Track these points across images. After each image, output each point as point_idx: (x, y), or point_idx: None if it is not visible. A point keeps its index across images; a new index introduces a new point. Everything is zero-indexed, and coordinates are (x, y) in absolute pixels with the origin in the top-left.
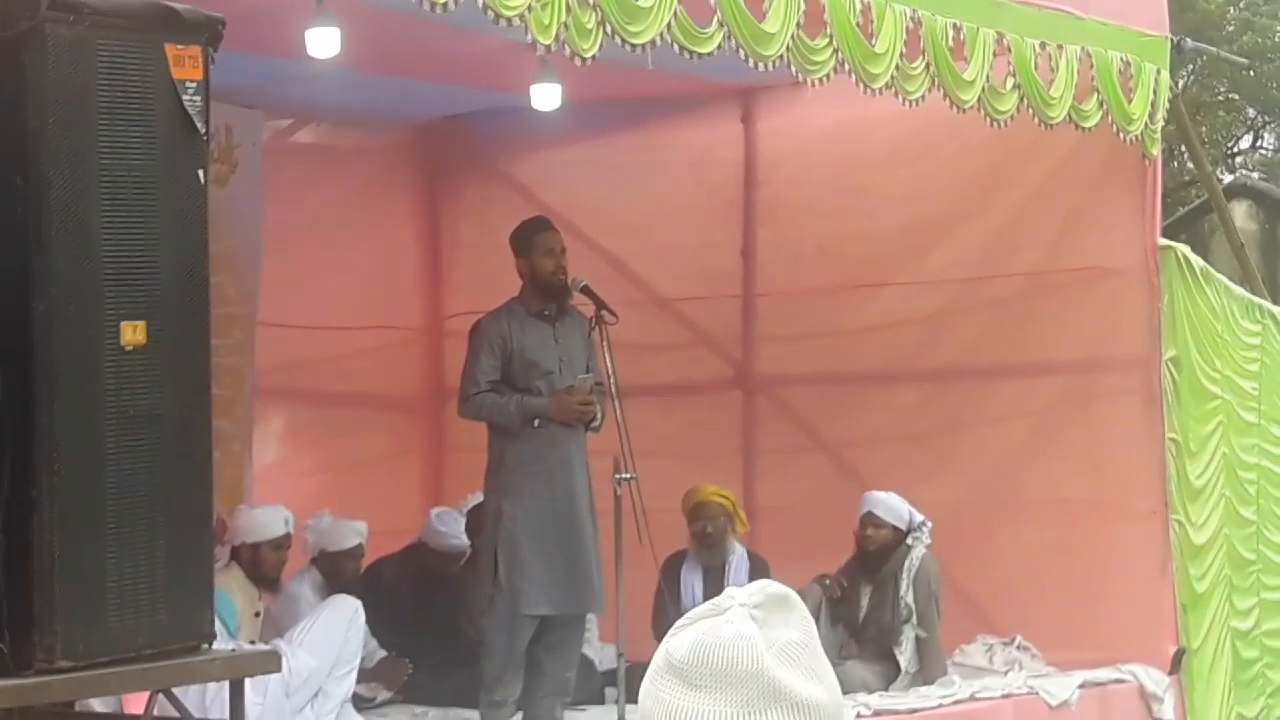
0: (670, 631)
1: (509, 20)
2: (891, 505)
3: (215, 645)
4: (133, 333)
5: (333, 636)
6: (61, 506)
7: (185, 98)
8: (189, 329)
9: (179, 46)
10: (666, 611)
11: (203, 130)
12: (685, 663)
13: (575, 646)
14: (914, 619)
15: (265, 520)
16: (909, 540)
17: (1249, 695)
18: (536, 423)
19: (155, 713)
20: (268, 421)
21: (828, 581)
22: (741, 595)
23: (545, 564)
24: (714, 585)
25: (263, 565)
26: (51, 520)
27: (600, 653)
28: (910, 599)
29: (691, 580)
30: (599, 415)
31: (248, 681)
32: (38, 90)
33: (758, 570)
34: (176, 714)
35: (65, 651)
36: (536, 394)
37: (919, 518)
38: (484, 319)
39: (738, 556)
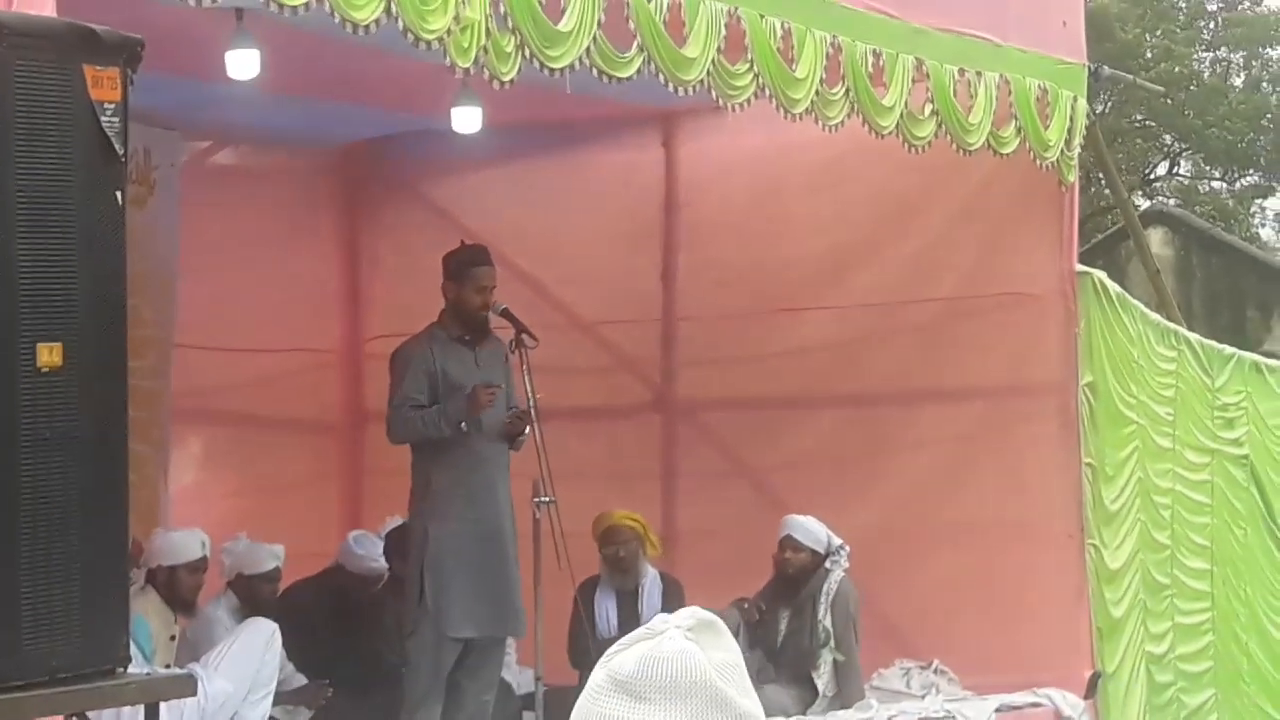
0: (605, 656)
1: (429, 43)
2: (810, 529)
3: (130, 669)
4: (49, 354)
5: (249, 660)
6: None
7: (104, 119)
8: (106, 351)
9: (98, 68)
10: (582, 636)
11: (121, 152)
12: (633, 676)
13: (495, 670)
14: (831, 643)
15: (182, 543)
16: (828, 564)
17: (1164, 719)
18: (464, 425)
19: None
20: (184, 444)
21: (746, 605)
22: (675, 619)
23: (471, 587)
24: (628, 609)
25: (179, 588)
26: None
27: (518, 676)
28: (828, 623)
29: (605, 605)
30: (525, 431)
31: (163, 707)
32: None
33: (671, 592)
34: None
35: None
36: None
37: (837, 541)
38: (407, 343)
39: (650, 579)
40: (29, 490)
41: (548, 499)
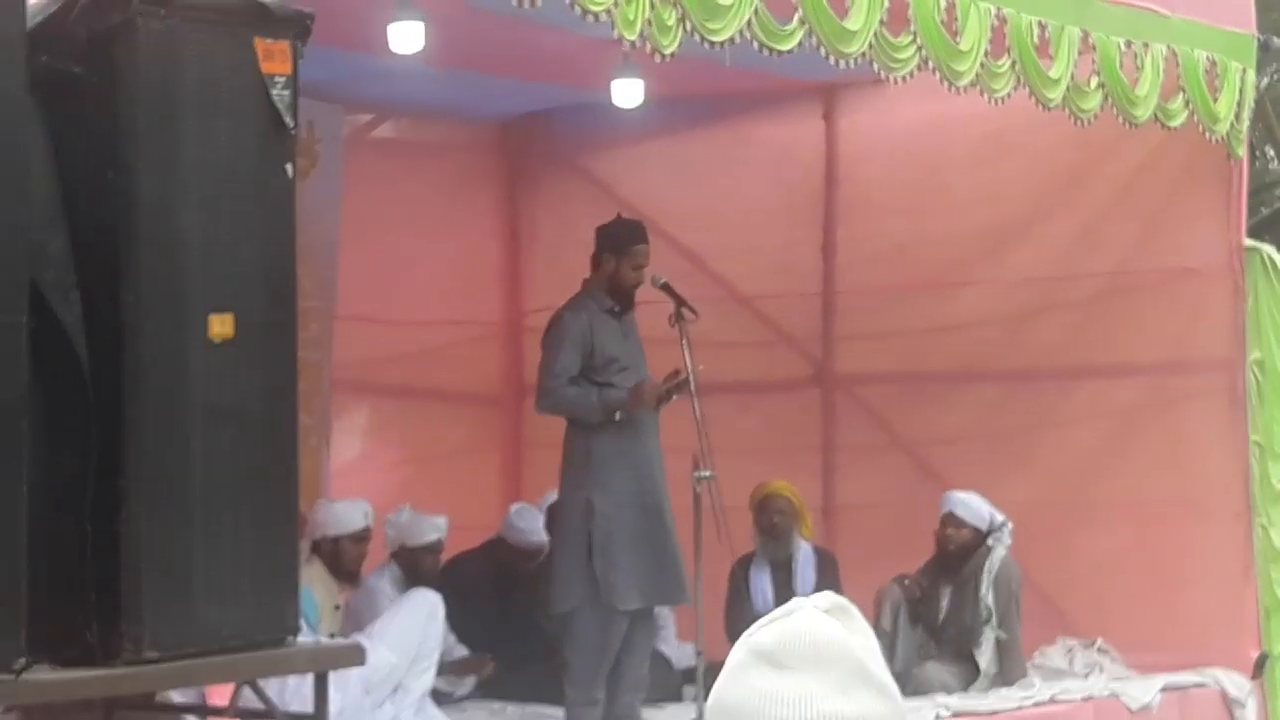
0: (744, 636)
1: (596, 16)
2: (972, 506)
3: (299, 639)
4: (221, 325)
5: (412, 631)
6: (149, 499)
7: (274, 92)
8: (276, 322)
9: (268, 41)
10: (739, 611)
11: (291, 125)
12: (775, 647)
13: (650, 643)
14: (994, 620)
15: (345, 514)
16: (989, 541)
17: None
18: (618, 415)
19: (240, 705)
20: (346, 416)
21: (907, 582)
22: (811, 601)
23: (637, 559)
24: (782, 582)
25: (343, 559)
26: (139, 512)
27: (678, 650)
28: (990, 600)
29: (760, 579)
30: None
31: (329, 677)
32: (129, 84)
33: (825, 565)
34: (261, 706)
35: (153, 643)
36: (613, 387)
37: (1000, 518)
38: (563, 313)
39: (804, 553)
40: (201, 461)
41: (707, 474)
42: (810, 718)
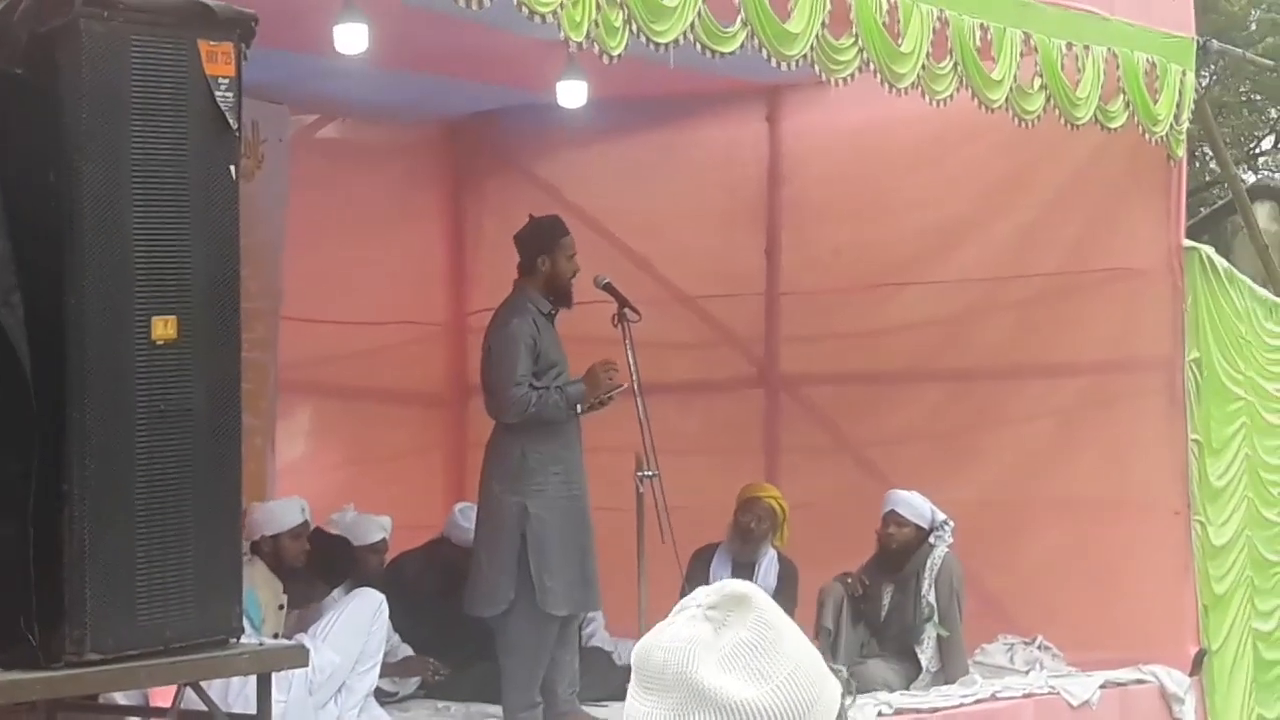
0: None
1: (543, 17)
2: (914, 504)
3: (242, 640)
4: (164, 327)
5: (357, 631)
6: (92, 501)
7: (218, 94)
8: (220, 324)
9: (212, 42)
10: None
11: (235, 126)
12: (637, 664)
13: (576, 638)
14: (936, 618)
15: (281, 511)
16: (931, 539)
17: (1270, 697)
18: (579, 409)
19: (182, 706)
20: (291, 416)
21: (849, 579)
22: (700, 596)
23: (567, 564)
24: (742, 579)
25: (284, 556)
26: (82, 514)
27: (618, 646)
28: (932, 598)
29: (720, 573)
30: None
31: (273, 677)
32: (72, 86)
33: (787, 575)
34: (204, 708)
35: (95, 645)
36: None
37: (941, 517)
38: (510, 318)
39: (769, 559)
40: (144, 462)
41: (651, 473)
42: None
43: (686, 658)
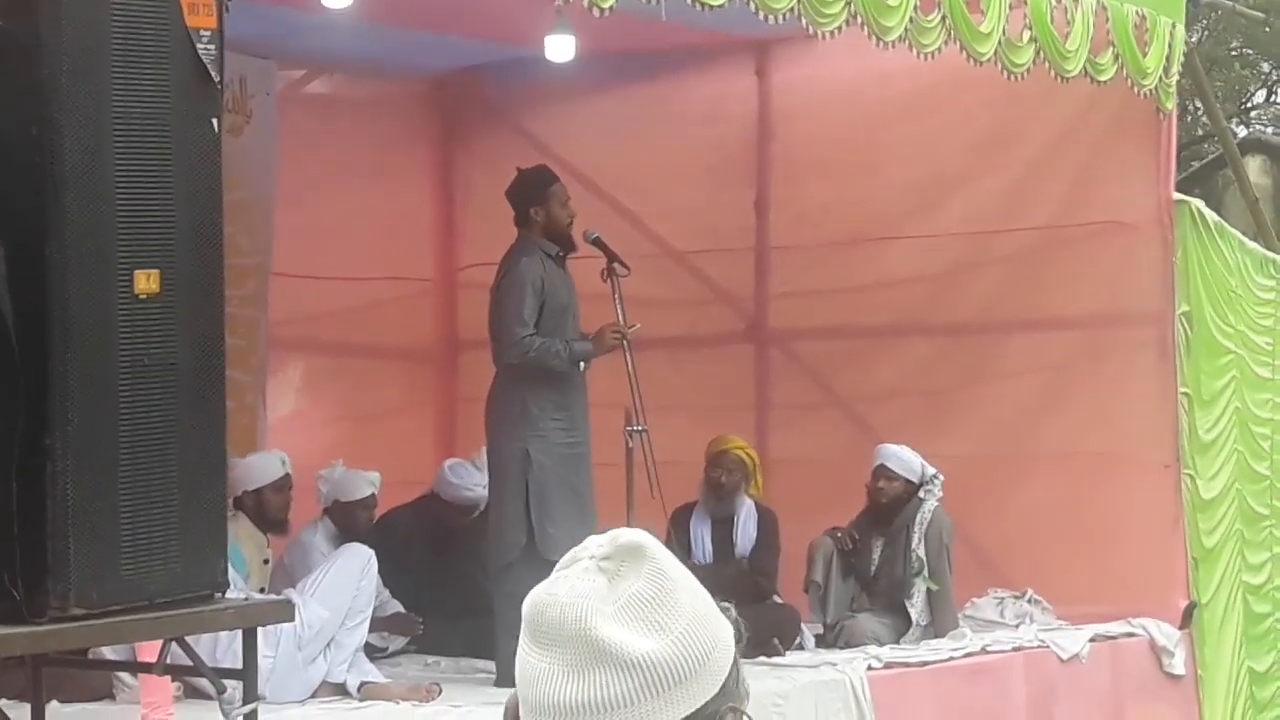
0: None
1: None
2: (904, 458)
3: (228, 594)
4: (146, 281)
5: (345, 587)
6: (75, 455)
7: (199, 46)
8: (203, 278)
9: None
10: None
11: (216, 79)
12: (530, 618)
13: None
14: (925, 572)
15: (262, 465)
16: (921, 493)
17: (1260, 649)
18: (582, 365)
19: (168, 661)
20: (282, 372)
21: (839, 534)
22: (592, 546)
23: (568, 511)
24: (722, 536)
25: (267, 509)
26: (65, 469)
27: None
28: (922, 552)
29: (701, 530)
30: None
31: (260, 634)
32: (52, 38)
33: (766, 524)
34: (190, 663)
35: (79, 600)
36: (563, 336)
37: (930, 471)
38: (523, 260)
39: (746, 510)
40: (127, 417)
41: (640, 428)
42: (544, 699)
43: (582, 612)
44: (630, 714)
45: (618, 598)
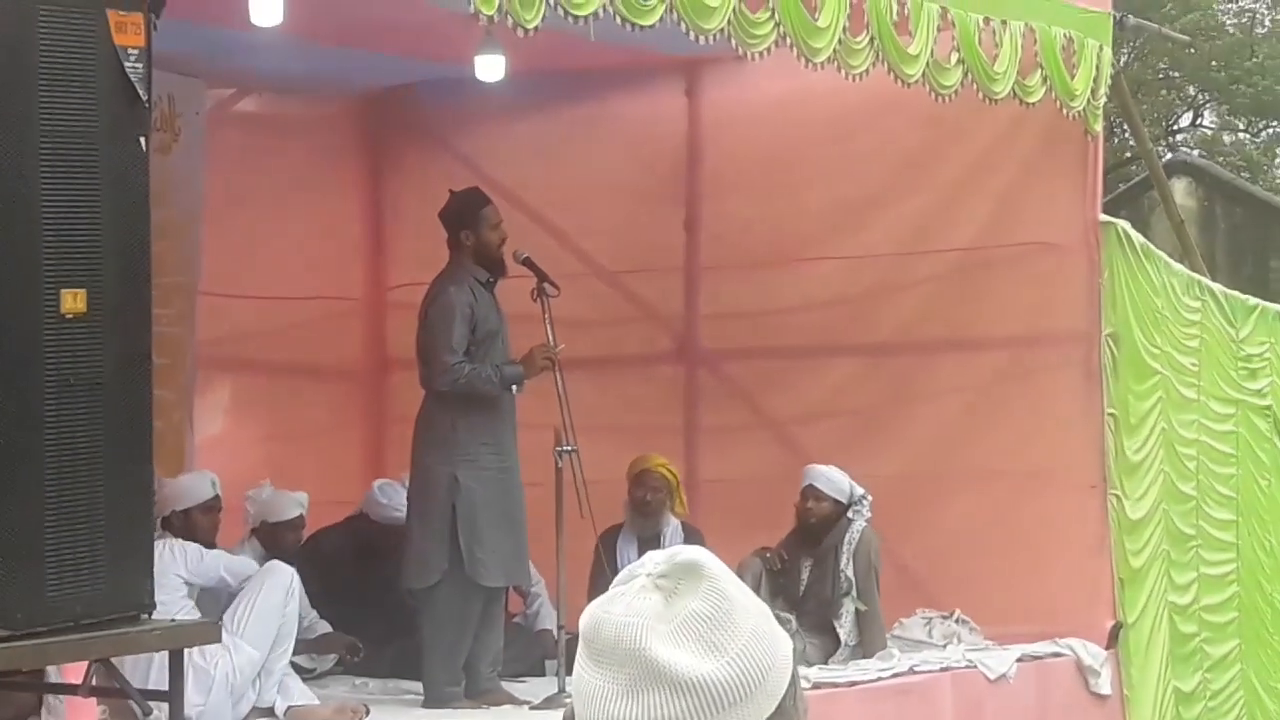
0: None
1: None
2: (832, 479)
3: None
4: (73, 300)
5: (271, 616)
6: (0, 475)
7: (127, 64)
8: (130, 297)
9: (121, 12)
10: (603, 583)
11: (145, 97)
12: (587, 636)
13: (502, 616)
14: (854, 592)
15: (192, 485)
16: (850, 514)
17: (1186, 669)
18: (515, 388)
19: (95, 683)
20: (210, 391)
21: (768, 554)
22: (649, 564)
23: (499, 536)
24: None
25: (195, 530)
26: None
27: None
28: (850, 572)
29: (627, 551)
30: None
31: (190, 684)
32: None
33: (691, 542)
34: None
35: (3, 620)
36: (493, 361)
37: (859, 491)
38: (448, 286)
39: (672, 528)
40: (53, 436)
41: (570, 448)
42: (600, 717)
43: (638, 633)
44: None
45: (673, 617)
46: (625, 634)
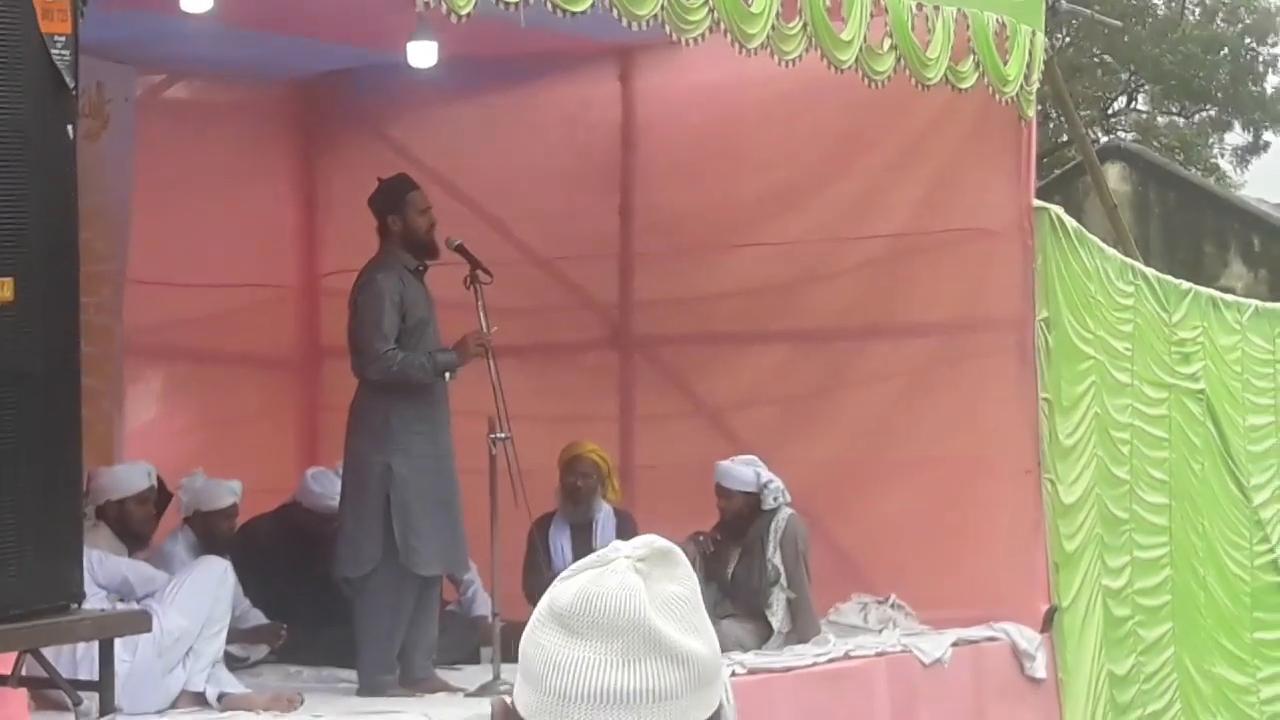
0: (554, 583)
1: None
2: (734, 473)
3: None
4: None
5: (203, 595)
6: None
7: (54, 52)
8: (58, 286)
9: None
10: (537, 571)
11: (72, 85)
12: (568, 611)
13: (437, 605)
14: (782, 580)
15: (127, 476)
16: (767, 503)
17: (1120, 653)
18: (448, 376)
19: (24, 673)
20: (140, 380)
21: (701, 538)
22: (626, 548)
23: (435, 524)
24: (582, 543)
25: (130, 521)
26: None
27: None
28: (778, 560)
29: (560, 539)
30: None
31: (118, 642)
32: None
33: (625, 526)
34: (45, 674)
35: None
36: (423, 349)
37: (766, 477)
38: (376, 274)
39: (604, 514)
40: None
41: (504, 435)
42: (586, 688)
43: (640, 604)
44: (674, 707)
45: (655, 596)
46: (627, 605)
